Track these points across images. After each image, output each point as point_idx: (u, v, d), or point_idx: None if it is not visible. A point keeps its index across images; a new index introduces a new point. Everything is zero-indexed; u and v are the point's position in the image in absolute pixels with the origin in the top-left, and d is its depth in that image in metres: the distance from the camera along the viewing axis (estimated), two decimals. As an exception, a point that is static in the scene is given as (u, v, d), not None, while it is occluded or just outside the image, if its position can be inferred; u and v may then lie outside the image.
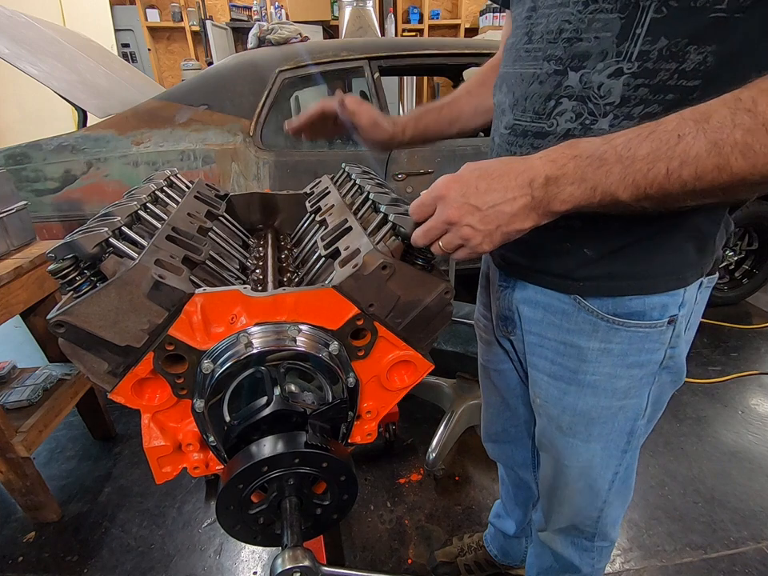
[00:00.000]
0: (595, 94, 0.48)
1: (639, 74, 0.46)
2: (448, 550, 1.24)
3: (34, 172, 1.63)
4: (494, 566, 1.20)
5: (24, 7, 2.13)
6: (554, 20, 0.49)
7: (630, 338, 0.58)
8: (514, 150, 0.58)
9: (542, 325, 0.64)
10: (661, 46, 0.44)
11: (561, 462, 0.72)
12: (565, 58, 0.49)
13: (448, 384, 1.66)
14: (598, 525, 0.77)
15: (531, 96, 0.54)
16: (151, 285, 0.49)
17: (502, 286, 0.70)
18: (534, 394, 0.72)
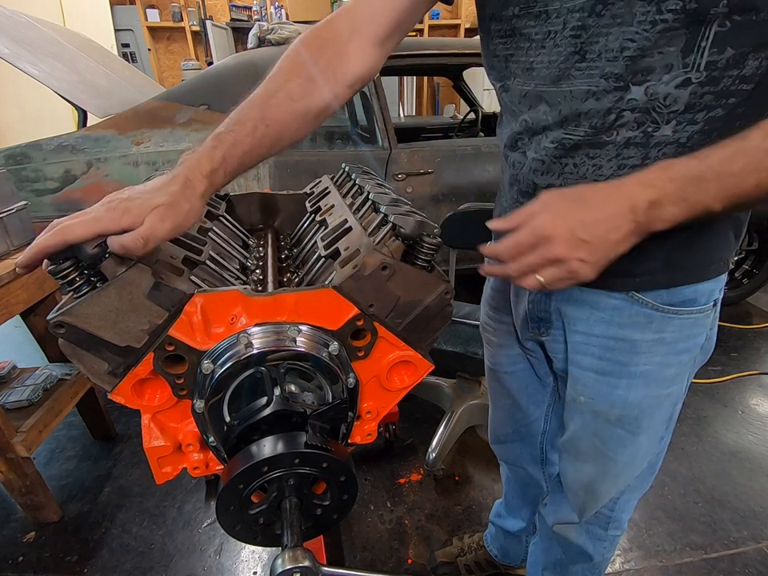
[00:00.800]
0: (660, 104, 0.49)
1: (706, 83, 0.48)
2: (448, 550, 1.24)
3: (34, 172, 1.63)
4: (494, 566, 1.20)
5: (24, 7, 2.13)
6: (614, 39, 0.49)
7: (681, 325, 0.60)
8: (566, 161, 0.57)
9: (589, 323, 0.64)
10: (728, 55, 0.46)
11: (606, 456, 0.71)
12: (625, 75, 0.50)
13: (448, 384, 1.67)
14: (615, 510, 0.78)
15: (587, 112, 0.53)
16: (151, 285, 0.49)
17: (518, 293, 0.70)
18: (575, 392, 0.71)
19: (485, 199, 1.92)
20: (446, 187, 1.91)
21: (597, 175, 0.55)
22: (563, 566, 0.91)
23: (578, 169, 0.56)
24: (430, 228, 0.58)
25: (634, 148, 0.52)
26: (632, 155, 0.53)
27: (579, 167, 0.56)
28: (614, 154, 0.53)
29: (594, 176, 0.55)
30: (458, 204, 1.39)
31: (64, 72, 1.77)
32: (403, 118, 4.29)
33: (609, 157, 0.54)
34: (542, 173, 0.60)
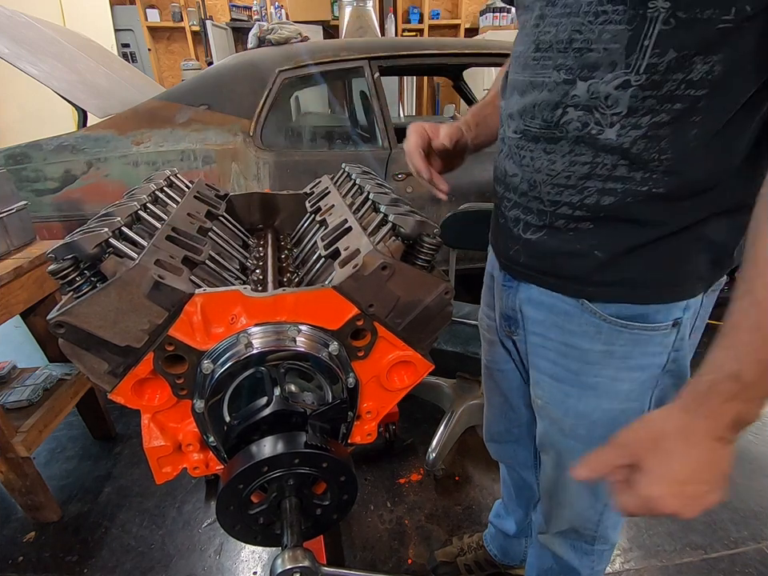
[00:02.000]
0: (602, 104, 0.48)
1: (647, 86, 0.46)
2: (448, 550, 1.24)
3: (34, 172, 1.63)
4: (494, 565, 1.20)
5: (24, 7, 2.13)
6: (563, 29, 0.49)
7: (633, 340, 0.57)
8: (524, 153, 0.58)
9: (545, 326, 0.64)
10: (669, 58, 0.44)
11: (562, 465, 0.72)
12: (575, 68, 0.49)
13: (448, 384, 1.66)
14: (599, 528, 0.76)
15: (540, 103, 0.54)
16: (151, 285, 0.49)
17: (506, 286, 0.70)
18: (535, 395, 0.72)
19: (485, 199, 1.92)
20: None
21: (550, 170, 0.55)
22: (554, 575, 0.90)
23: (534, 162, 0.56)
24: (429, 228, 0.58)
25: (584, 146, 0.51)
26: (583, 153, 0.52)
27: (535, 160, 0.56)
28: (567, 150, 0.53)
29: (547, 170, 0.55)
30: (458, 204, 1.39)
31: (64, 72, 1.77)
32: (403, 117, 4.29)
33: (562, 153, 0.53)
34: (510, 161, 0.61)
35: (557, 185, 0.55)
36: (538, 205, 0.57)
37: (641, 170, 0.49)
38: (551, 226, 0.57)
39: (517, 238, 0.62)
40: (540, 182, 0.56)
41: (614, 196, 0.51)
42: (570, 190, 0.54)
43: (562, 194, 0.54)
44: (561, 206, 0.55)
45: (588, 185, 0.52)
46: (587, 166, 0.52)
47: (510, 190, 0.62)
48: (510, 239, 0.64)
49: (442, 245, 0.59)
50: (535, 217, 0.58)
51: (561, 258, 0.58)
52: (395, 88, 4.10)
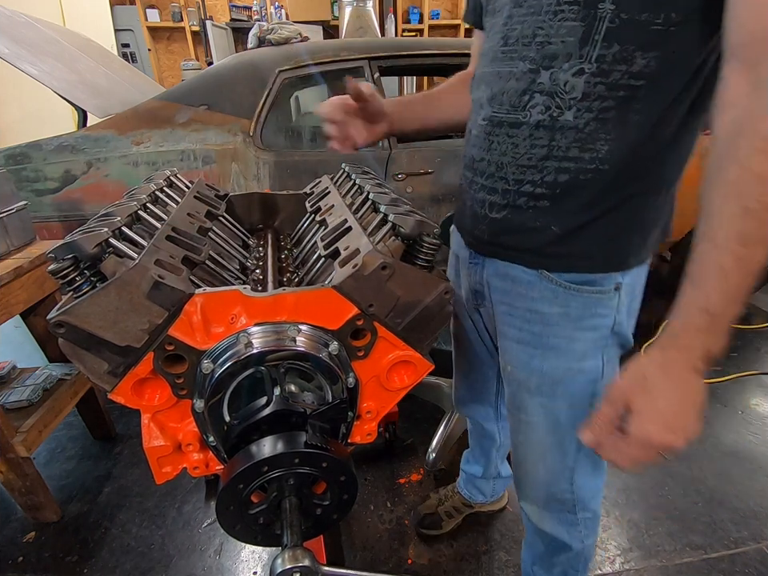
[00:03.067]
0: (562, 89, 0.57)
1: (597, 74, 0.54)
2: (429, 503, 1.37)
3: (34, 172, 1.63)
4: (469, 506, 1.35)
5: (24, 7, 2.13)
6: (528, 26, 0.57)
7: (584, 302, 0.66)
8: (492, 138, 0.65)
9: (511, 295, 0.71)
10: (614, 50, 0.52)
11: (530, 420, 0.77)
12: (537, 59, 0.57)
13: (448, 384, 1.66)
14: (574, 491, 0.81)
15: (508, 91, 0.62)
16: (151, 285, 0.49)
17: (472, 263, 0.76)
18: (504, 362, 0.78)
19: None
20: (446, 187, 1.90)
21: (514, 152, 0.62)
22: (548, 559, 0.94)
23: (500, 146, 0.64)
24: (429, 228, 0.58)
25: (542, 130, 0.59)
26: (541, 136, 0.60)
27: (501, 144, 0.64)
28: (527, 134, 0.61)
29: (512, 153, 0.63)
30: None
31: (64, 72, 1.77)
32: (403, 118, 4.29)
33: (524, 136, 0.61)
34: (478, 147, 0.68)
35: (521, 165, 0.62)
36: (504, 185, 0.65)
37: (589, 151, 0.58)
38: (514, 205, 0.65)
39: (483, 217, 0.69)
40: (506, 163, 0.64)
41: (568, 174, 0.60)
42: (532, 169, 0.62)
43: (525, 173, 0.62)
44: (524, 184, 0.63)
45: (547, 164, 0.60)
46: (545, 149, 0.60)
47: (478, 174, 0.69)
48: (477, 220, 0.71)
49: (441, 245, 0.59)
50: (500, 196, 0.66)
51: (522, 234, 0.66)
52: (395, 88, 4.10)
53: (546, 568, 0.96)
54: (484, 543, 1.31)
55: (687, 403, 0.50)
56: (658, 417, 0.50)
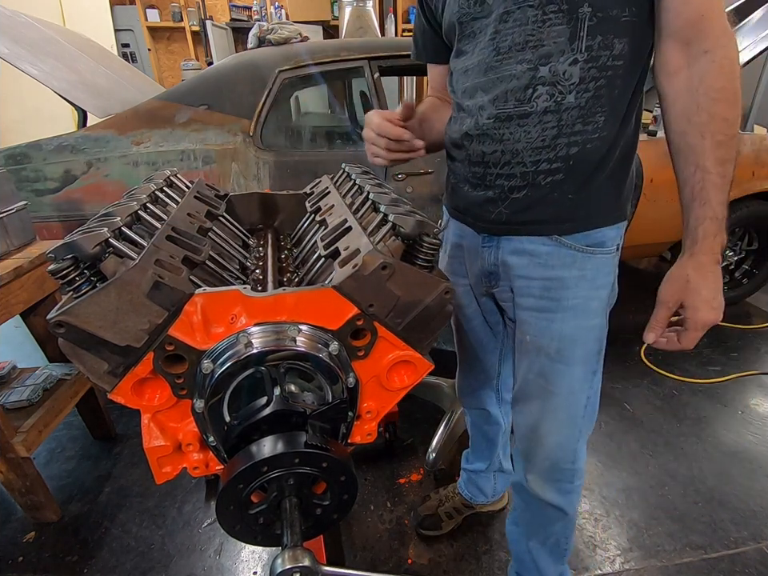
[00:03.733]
0: (562, 78, 0.67)
1: (589, 60, 0.65)
2: (429, 504, 1.37)
3: (34, 172, 1.63)
4: (470, 507, 1.35)
5: (24, 7, 2.13)
6: (518, 36, 0.67)
7: (597, 263, 0.76)
8: (502, 131, 0.72)
9: (528, 268, 0.78)
10: (598, 40, 0.64)
11: (548, 390, 0.83)
12: (534, 59, 0.67)
13: (448, 384, 1.66)
14: (576, 461, 0.89)
15: (512, 89, 0.70)
16: (151, 285, 0.49)
17: (486, 247, 0.83)
18: (521, 334, 0.84)
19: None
20: (446, 187, 1.90)
21: (528, 138, 0.71)
22: (545, 528, 0.98)
23: (513, 135, 0.71)
24: (430, 228, 0.58)
25: (550, 114, 0.68)
26: (549, 120, 0.69)
27: (513, 134, 0.71)
28: (537, 121, 0.69)
29: (526, 139, 0.71)
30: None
31: (64, 72, 1.77)
32: (403, 118, 4.28)
33: (534, 123, 0.70)
34: (488, 143, 0.74)
35: (535, 148, 0.71)
36: (521, 168, 0.73)
37: (591, 123, 0.69)
38: (533, 183, 0.73)
39: (503, 200, 0.76)
40: (521, 149, 0.72)
41: (577, 146, 0.70)
42: (547, 149, 0.71)
43: (540, 153, 0.71)
44: (541, 163, 0.71)
45: (558, 142, 0.70)
46: (555, 129, 0.69)
47: (491, 166, 0.76)
48: (492, 205, 0.78)
49: (442, 244, 0.59)
50: (519, 179, 0.73)
51: (541, 207, 0.74)
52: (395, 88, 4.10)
53: (541, 541, 1.00)
54: (484, 543, 1.31)
55: (718, 287, 0.66)
56: (706, 304, 0.66)
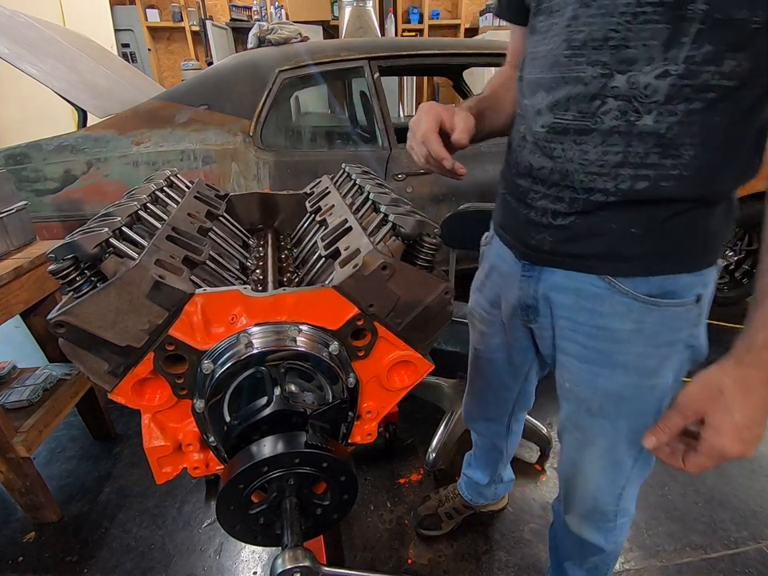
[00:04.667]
0: (641, 93, 0.52)
1: (685, 75, 0.50)
2: (429, 504, 1.36)
3: (34, 172, 1.63)
4: (470, 507, 1.33)
5: (24, 7, 2.13)
6: (597, 29, 0.52)
7: (662, 317, 0.61)
8: (555, 146, 0.60)
9: (574, 310, 0.66)
10: (705, 50, 0.48)
11: (587, 442, 0.74)
12: (611, 63, 0.53)
13: (448, 384, 1.66)
14: (620, 503, 0.79)
15: (574, 96, 0.56)
16: (151, 285, 0.49)
17: (526, 276, 0.71)
18: (561, 378, 0.74)
19: (485, 199, 1.91)
20: (446, 187, 1.90)
21: (583, 159, 0.58)
22: (582, 558, 0.93)
23: (565, 153, 0.59)
24: (430, 228, 0.58)
25: (617, 136, 0.55)
26: (616, 143, 0.55)
27: (567, 152, 0.59)
28: (599, 141, 0.56)
29: (579, 160, 0.58)
30: (458, 204, 1.39)
31: (64, 72, 1.77)
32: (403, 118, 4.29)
33: (594, 144, 0.56)
34: (537, 155, 0.63)
35: (590, 173, 0.57)
36: (570, 193, 0.60)
37: (671, 157, 0.53)
38: (582, 212, 0.60)
39: (545, 226, 0.64)
40: (572, 171, 0.59)
41: (647, 181, 0.55)
42: (604, 177, 0.57)
43: (596, 180, 0.57)
44: (595, 193, 0.58)
45: (621, 172, 0.55)
46: (620, 155, 0.55)
47: (538, 182, 0.64)
48: (534, 229, 0.66)
49: (442, 245, 0.59)
50: (566, 205, 0.61)
51: (593, 239, 0.60)
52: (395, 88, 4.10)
53: (578, 564, 0.95)
54: (484, 543, 1.31)
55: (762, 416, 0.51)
56: (734, 430, 0.51)
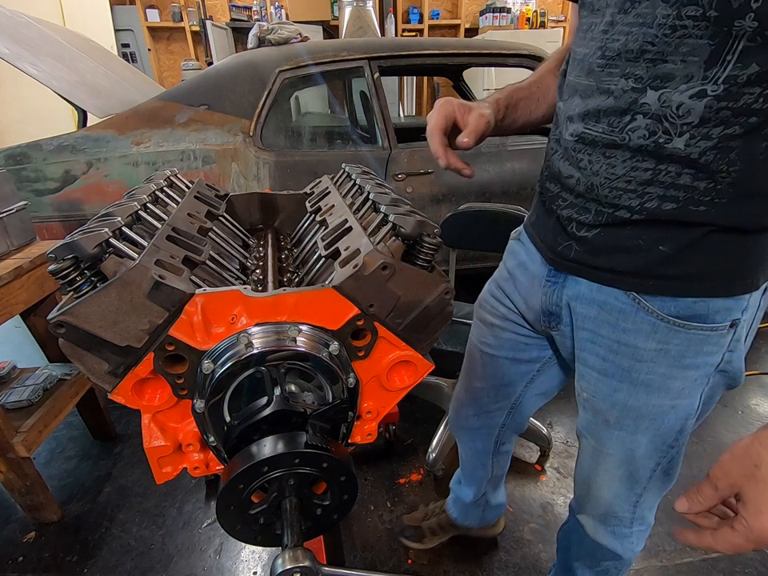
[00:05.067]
0: (673, 113, 0.49)
1: (723, 97, 0.46)
2: (414, 515, 1.33)
3: (34, 172, 1.63)
4: (454, 527, 1.27)
5: (24, 7, 2.13)
6: (633, 39, 0.49)
7: (689, 339, 0.58)
8: (582, 156, 0.58)
9: (596, 322, 0.64)
10: (752, 71, 0.44)
11: (602, 451, 0.73)
12: (645, 78, 0.49)
13: (448, 384, 1.66)
14: (636, 510, 0.77)
15: (605, 109, 0.54)
16: (151, 285, 0.49)
17: (550, 282, 0.69)
18: (580, 387, 0.72)
19: (485, 199, 1.92)
20: (446, 187, 1.91)
21: (609, 173, 0.55)
22: (594, 561, 0.91)
23: (592, 165, 0.57)
24: (430, 228, 0.58)
25: (646, 155, 0.52)
26: (645, 160, 0.52)
27: (594, 164, 0.56)
28: (627, 156, 0.53)
29: (606, 173, 0.55)
30: (458, 204, 1.40)
31: (64, 72, 1.77)
32: (403, 118, 4.30)
33: (623, 158, 0.54)
34: (566, 163, 0.61)
35: (616, 188, 0.55)
36: (596, 206, 0.58)
37: (705, 180, 0.50)
38: (608, 224, 0.57)
39: (570, 234, 0.62)
40: (598, 185, 0.56)
41: (675, 203, 0.52)
42: (630, 194, 0.54)
43: (621, 197, 0.55)
44: (620, 209, 0.55)
45: (649, 190, 0.53)
46: (649, 172, 0.52)
47: (565, 190, 0.62)
48: (560, 235, 0.64)
49: (442, 245, 0.59)
50: (591, 217, 0.59)
51: (619, 254, 0.58)
52: (395, 88, 4.10)
53: (589, 566, 0.93)
54: (484, 543, 1.31)
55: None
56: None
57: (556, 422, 1.74)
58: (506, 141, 1.97)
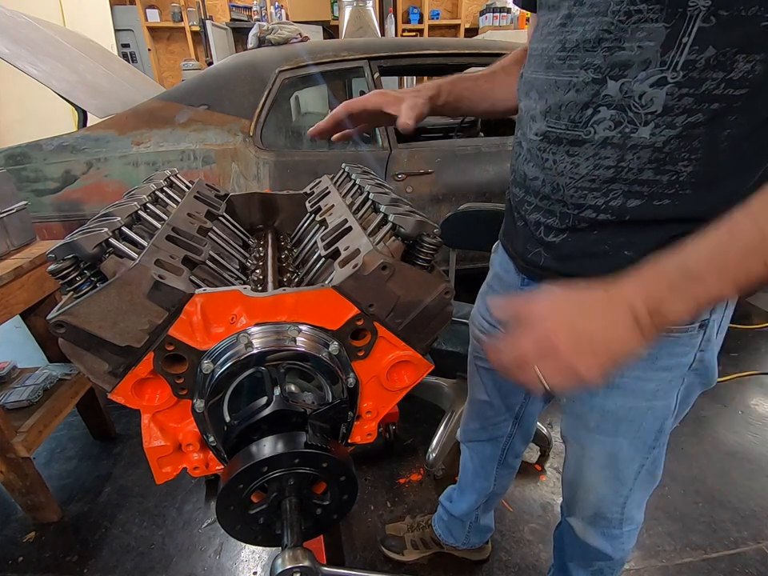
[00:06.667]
0: (636, 103, 0.48)
1: (684, 84, 0.45)
2: (398, 525, 1.31)
3: (34, 172, 1.63)
4: (438, 544, 1.25)
5: (24, 7, 2.13)
6: (591, 29, 0.49)
7: (660, 342, 0.57)
8: (547, 156, 0.58)
9: None
10: (708, 55, 0.43)
11: (585, 455, 0.74)
12: (604, 67, 0.49)
13: (448, 384, 1.66)
14: (624, 511, 0.79)
15: (567, 104, 0.53)
16: (151, 285, 0.49)
17: (524, 290, 0.70)
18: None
19: (485, 199, 1.92)
20: (446, 187, 1.91)
21: (573, 173, 0.55)
22: (587, 562, 0.92)
23: (556, 165, 0.56)
24: (430, 228, 0.58)
25: (610, 148, 0.51)
26: (608, 156, 0.52)
27: (558, 163, 0.56)
28: (591, 153, 0.53)
29: (570, 173, 0.55)
30: (458, 204, 1.39)
31: (64, 72, 1.77)
32: (403, 118, 4.29)
33: (586, 156, 0.54)
34: (531, 164, 0.61)
35: (581, 188, 0.55)
36: (561, 208, 0.58)
37: (668, 173, 0.49)
38: (575, 229, 0.57)
39: (538, 241, 0.62)
40: (563, 185, 0.56)
41: (640, 198, 0.51)
42: (595, 192, 0.54)
43: (586, 196, 0.55)
44: (585, 209, 0.55)
45: (613, 188, 0.52)
46: (612, 170, 0.52)
47: (530, 193, 0.62)
48: (530, 242, 0.64)
49: (442, 245, 0.59)
50: (557, 220, 0.59)
51: (587, 260, 0.58)
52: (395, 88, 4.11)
53: (583, 567, 0.94)
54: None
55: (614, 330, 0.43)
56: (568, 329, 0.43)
57: (556, 422, 1.74)
58: (506, 141, 1.97)
